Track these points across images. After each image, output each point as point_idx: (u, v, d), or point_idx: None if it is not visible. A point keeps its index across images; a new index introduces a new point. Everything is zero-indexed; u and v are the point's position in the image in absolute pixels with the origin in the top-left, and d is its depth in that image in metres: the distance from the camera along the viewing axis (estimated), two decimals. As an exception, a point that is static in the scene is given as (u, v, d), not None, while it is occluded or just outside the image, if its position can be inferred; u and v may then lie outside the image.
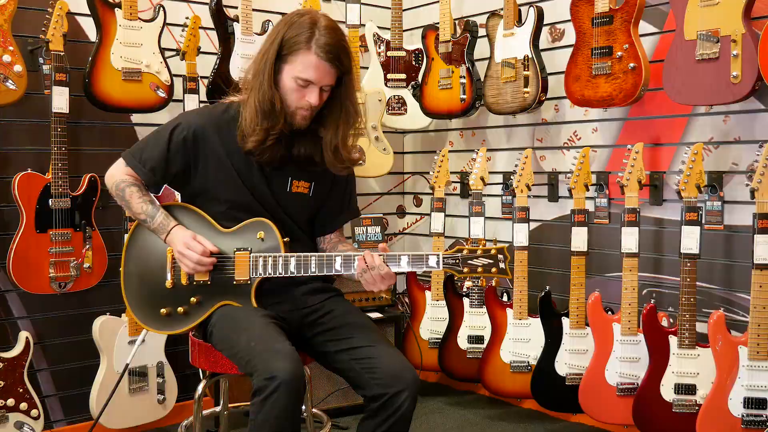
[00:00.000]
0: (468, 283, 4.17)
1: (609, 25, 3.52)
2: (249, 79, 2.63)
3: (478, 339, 4.14)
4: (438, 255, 2.49)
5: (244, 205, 2.67)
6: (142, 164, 2.68)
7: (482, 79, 4.15)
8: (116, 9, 3.60)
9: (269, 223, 2.63)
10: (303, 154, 2.67)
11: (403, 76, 4.52)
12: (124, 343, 3.68)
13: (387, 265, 2.49)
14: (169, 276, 2.66)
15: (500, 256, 2.50)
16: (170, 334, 2.82)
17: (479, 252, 2.50)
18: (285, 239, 2.62)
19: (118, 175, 2.72)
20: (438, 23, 4.31)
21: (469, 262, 2.50)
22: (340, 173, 2.74)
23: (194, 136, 2.65)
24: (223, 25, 3.96)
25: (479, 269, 2.50)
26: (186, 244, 2.57)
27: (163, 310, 2.66)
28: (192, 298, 2.64)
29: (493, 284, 4.04)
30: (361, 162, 4.27)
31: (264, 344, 2.40)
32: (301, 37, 2.50)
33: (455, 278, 4.24)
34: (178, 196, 2.86)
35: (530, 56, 3.90)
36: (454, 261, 2.50)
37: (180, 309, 2.65)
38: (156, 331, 2.72)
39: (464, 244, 2.53)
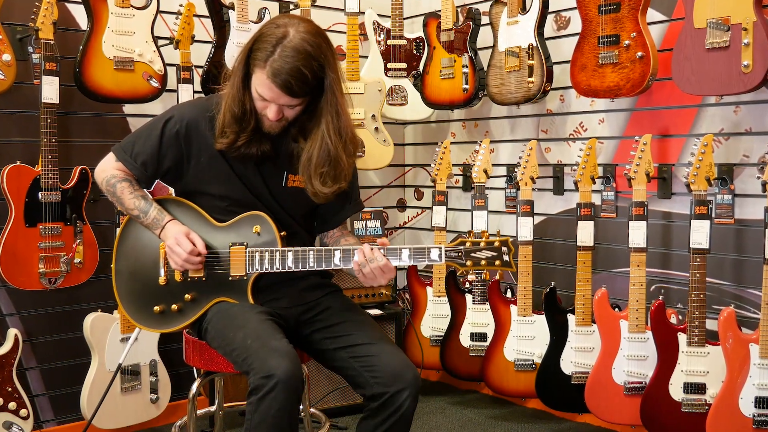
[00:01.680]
0: (471, 277, 4.17)
1: (616, 13, 3.51)
2: (229, 74, 2.61)
3: (481, 336, 4.14)
4: (440, 248, 2.49)
5: (240, 200, 2.66)
6: (133, 159, 2.67)
7: (485, 69, 4.15)
8: (108, -4, 3.61)
9: (265, 216, 2.63)
10: (293, 152, 2.67)
11: (403, 65, 4.51)
12: (116, 340, 3.68)
13: (387, 258, 2.49)
14: (162, 272, 2.65)
15: (504, 248, 2.50)
16: (165, 333, 2.81)
17: (482, 244, 2.50)
18: (282, 233, 2.62)
19: (109, 170, 2.71)
20: (440, 11, 4.30)
21: (472, 254, 2.49)
22: (317, 201, 2.68)
23: (187, 129, 2.64)
24: (218, 12, 3.95)
25: (482, 262, 2.50)
26: (176, 239, 2.57)
27: (156, 308, 2.65)
28: (186, 295, 2.64)
29: (497, 277, 4.04)
30: (360, 154, 4.27)
31: (261, 342, 2.40)
32: (262, 53, 2.44)
33: (458, 273, 4.24)
34: (171, 191, 2.84)
35: (535, 45, 3.89)
36: (456, 254, 2.49)
37: (174, 306, 2.64)
38: (149, 330, 2.72)
39: (467, 237, 2.53)
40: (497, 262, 2.50)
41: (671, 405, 3.37)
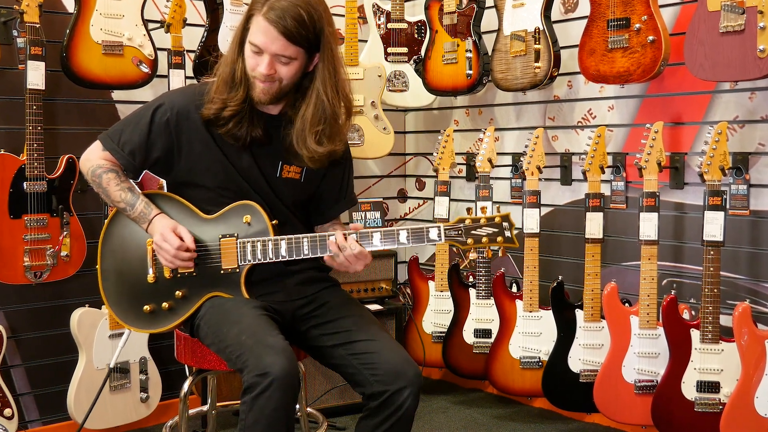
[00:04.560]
0: (473, 255, 4.15)
1: (627, -5, 3.51)
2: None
3: (486, 333, 4.14)
4: (439, 227, 2.51)
5: (234, 190, 2.66)
6: (121, 147, 2.66)
7: (490, 53, 4.13)
8: (95, -23, 3.59)
9: (255, 205, 2.62)
10: (290, 141, 2.66)
11: (404, 50, 4.50)
12: (104, 337, 3.68)
13: (360, 244, 2.51)
14: (150, 270, 2.64)
15: (505, 224, 2.52)
16: (156, 333, 2.80)
17: (482, 221, 2.52)
18: (273, 221, 2.61)
19: (94, 159, 2.70)
20: (442, -7, 4.30)
21: (473, 232, 2.51)
22: (313, 166, 2.68)
23: (178, 117, 2.64)
24: (210, -6, 3.95)
25: (484, 239, 2.51)
26: (163, 236, 2.56)
27: (146, 307, 2.64)
28: (177, 292, 2.63)
29: (500, 254, 4.03)
30: (358, 142, 4.26)
31: (255, 338, 2.40)
32: (260, 1, 2.50)
33: (461, 267, 4.24)
34: (162, 182, 2.84)
35: (541, 28, 3.88)
36: (456, 232, 2.51)
37: (165, 305, 2.64)
38: (140, 331, 2.71)
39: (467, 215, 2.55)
40: (499, 239, 2.52)
41: (684, 404, 3.37)
